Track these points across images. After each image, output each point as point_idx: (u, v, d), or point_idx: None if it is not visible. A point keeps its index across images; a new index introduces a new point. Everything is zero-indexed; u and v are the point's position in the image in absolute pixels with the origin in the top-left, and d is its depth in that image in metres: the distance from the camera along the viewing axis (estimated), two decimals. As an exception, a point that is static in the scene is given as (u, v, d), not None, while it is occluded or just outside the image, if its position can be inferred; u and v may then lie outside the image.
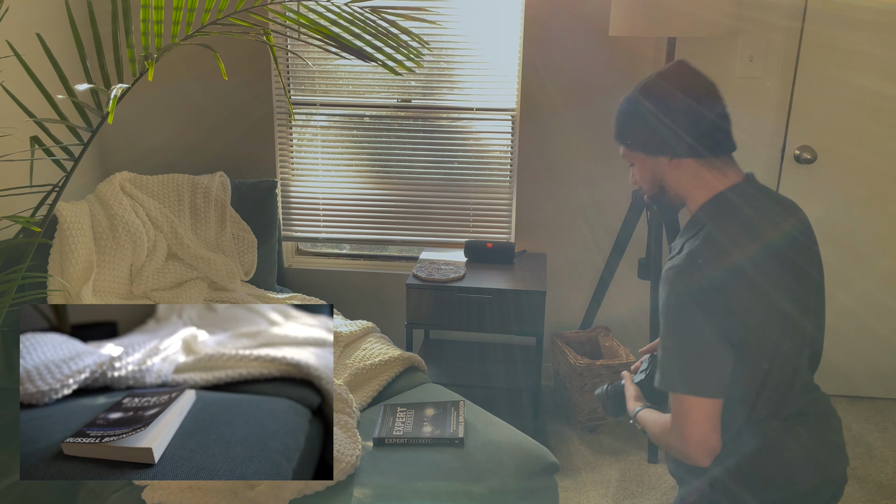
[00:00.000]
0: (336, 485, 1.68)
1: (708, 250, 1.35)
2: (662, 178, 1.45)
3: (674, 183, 1.44)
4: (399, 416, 1.95)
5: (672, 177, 1.43)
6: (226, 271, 2.56)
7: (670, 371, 1.33)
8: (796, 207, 1.47)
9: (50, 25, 2.52)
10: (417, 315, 2.60)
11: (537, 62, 2.77)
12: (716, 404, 1.31)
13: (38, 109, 1.74)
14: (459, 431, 1.86)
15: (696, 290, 1.32)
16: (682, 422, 1.32)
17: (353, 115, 2.95)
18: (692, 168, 1.41)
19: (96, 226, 2.34)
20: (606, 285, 2.80)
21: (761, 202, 1.42)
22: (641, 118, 1.43)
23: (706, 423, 1.31)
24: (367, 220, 3.05)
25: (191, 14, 1.57)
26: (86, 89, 1.46)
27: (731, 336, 1.32)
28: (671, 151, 1.41)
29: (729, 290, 1.32)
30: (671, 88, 1.41)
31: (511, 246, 2.83)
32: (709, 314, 1.31)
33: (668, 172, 1.43)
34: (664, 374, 1.34)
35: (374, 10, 1.72)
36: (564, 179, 2.89)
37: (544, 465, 1.86)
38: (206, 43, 1.56)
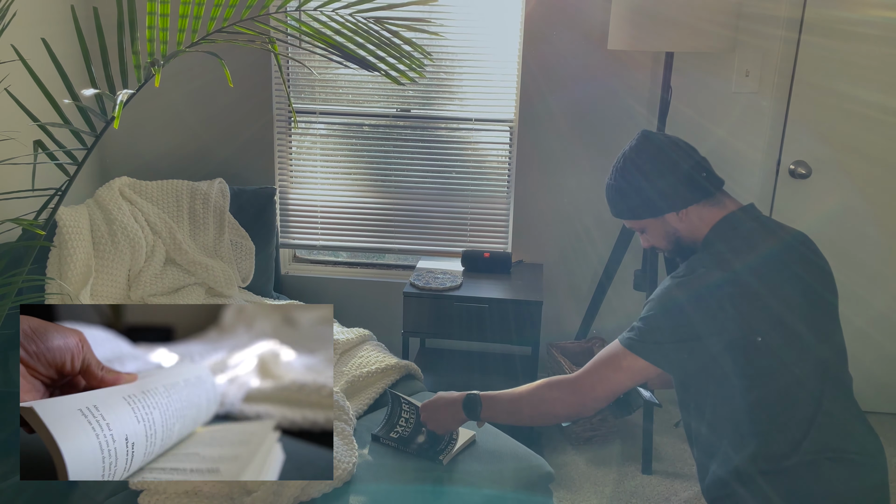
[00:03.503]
0: (332, 492, 1.69)
1: (709, 258, 1.44)
2: (676, 231, 1.54)
3: (686, 231, 1.54)
4: (404, 410, 1.93)
5: (683, 226, 1.54)
6: (223, 278, 2.57)
7: (634, 332, 1.45)
8: (803, 235, 1.53)
9: (56, 34, 2.54)
10: (414, 323, 2.61)
11: (536, 74, 2.80)
12: (644, 371, 1.42)
13: (42, 114, 1.75)
14: (447, 452, 1.81)
15: (691, 285, 1.40)
16: (609, 374, 1.44)
17: (353, 123, 2.97)
18: (696, 211, 1.52)
19: (95, 230, 2.35)
20: (602, 296, 2.82)
21: (762, 221, 1.51)
22: (639, 189, 1.53)
23: (626, 382, 1.44)
24: (365, 228, 3.07)
25: (196, 22, 1.58)
26: (91, 95, 1.47)
27: (709, 334, 1.38)
28: (677, 205, 1.51)
29: (729, 293, 1.37)
30: (655, 153, 1.53)
31: (508, 256, 2.84)
32: (692, 308, 1.39)
33: (679, 224, 1.54)
34: (629, 335, 1.45)
35: (377, 21, 1.74)
36: (561, 190, 2.92)
37: (540, 474, 1.87)
38: (211, 50, 1.57)
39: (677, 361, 1.42)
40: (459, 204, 3.00)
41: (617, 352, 1.45)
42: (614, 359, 1.45)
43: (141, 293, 2.40)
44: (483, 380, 2.78)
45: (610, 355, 1.46)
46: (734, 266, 1.40)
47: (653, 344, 1.42)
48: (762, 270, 1.40)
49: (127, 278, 2.41)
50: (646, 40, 2.30)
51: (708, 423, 1.46)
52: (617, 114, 2.81)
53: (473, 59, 2.84)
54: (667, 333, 1.41)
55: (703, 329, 1.38)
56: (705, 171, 1.53)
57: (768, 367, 1.36)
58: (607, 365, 1.46)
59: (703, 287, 1.39)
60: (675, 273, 1.47)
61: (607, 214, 2.91)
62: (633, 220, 1.59)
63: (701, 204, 1.51)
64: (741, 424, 1.39)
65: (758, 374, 1.37)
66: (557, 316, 3.05)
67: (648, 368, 1.42)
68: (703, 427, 1.48)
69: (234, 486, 1.66)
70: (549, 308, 3.04)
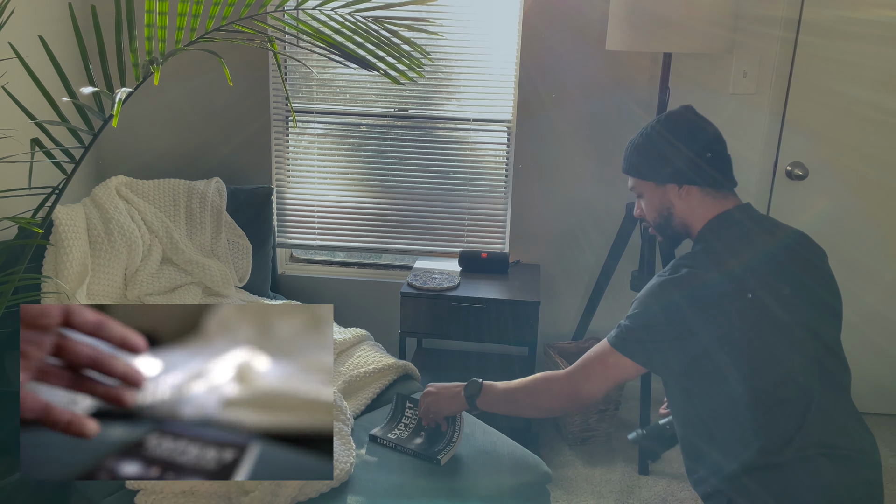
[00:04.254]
0: (329, 492, 1.68)
1: (705, 256, 1.44)
2: (671, 206, 1.54)
3: (680, 210, 1.53)
4: (407, 413, 1.94)
5: (679, 204, 1.54)
6: (220, 277, 2.56)
7: (619, 330, 1.48)
8: (801, 234, 1.53)
9: (54, 32, 2.53)
10: (411, 323, 2.61)
11: (534, 74, 2.80)
12: (629, 369, 1.45)
13: (40, 112, 1.75)
14: (445, 452, 1.81)
15: (679, 284, 1.41)
16: (596, 372, 1.48)
17: (350, 123, 2.96)
18: (698, 196, 1.52)
19: (91, 229, 2.34)
20: (600, 297, 2.82)
21: (757, 220, 1.50)
22: (656, 149, 1.53)
23: (614, 379, 1.47)
24: (362, 228, 3.06)
25: (195, 20, 1.58)
26: (89, 93, 1.47)
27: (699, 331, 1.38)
28: (681, 179, 1.50)
29: (717, 291, 1.38)
30: (685, 124, 1.53)
31: (505, 256, 2.84)
32: (675, 307, 1.39)
33: (676, 200, 1.54)
34: (616, 333, 1.48)
35: (376, 20, 1.74)
36: (559, 191, 2.92)
37: (537, 474, 1.87)
38: (210, 49, 1.57)
39: (660, 360, 1.44)
40: (457, 204, 3.00)
41: (604, 350, 1.49)
42: (601, 357, 1.48)
43: (137, 292, 2.40)
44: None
45: (598, 353, 1.50)
46: (721, 265, 1.41)
47: (635, 342, 1.44)
48: (752, 268, 1.40)
49: (123, 277, 2.40)
50: (644, 41, 2.30)
51: (693, 423, 1.47)
52: (615, 115, 2.81)
53: (471, 59, 2.84)
54: (650, 332, 1.43)
55: (685, 328, 1.39)
56: (723, 165, 1.52)
57: (755, 366, 1.36)
58: (595, 362, 1.49)
59: (687, 286, 1.40)
60: (661, 272, 1.48)
61: (605, 215, 2.92)
62: (635, 179, 1.59)
63: (705, 190, 1.51)
64: (729, 422, 1.40)
65: (745, 372, 1.37)
66: (554, 316, 3.06)
67: (633, 366, 1.45)
68: (689, 427, 1.48)
69: (231, 485, 1.65)
70: (547, 308, 3.04)
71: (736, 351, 1.37)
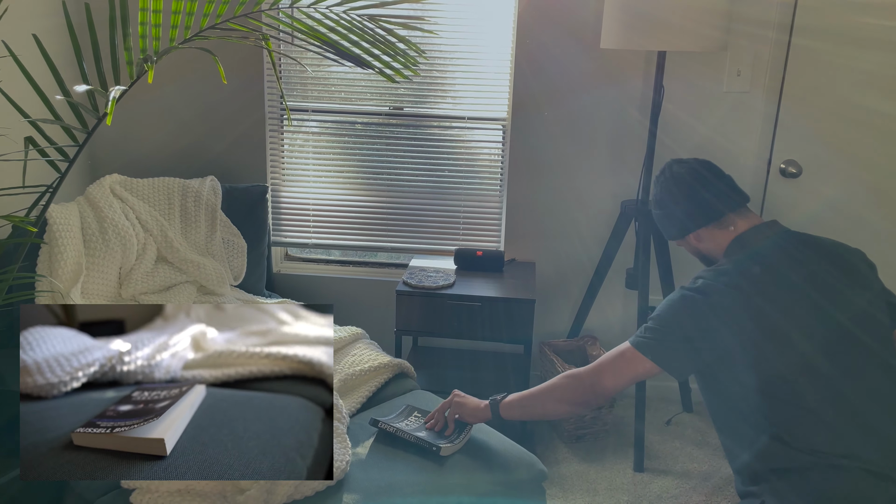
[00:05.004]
0: (325, 490, 1.68)
1: (719, 270, 1.55)
2: (697, 250, 1.75)
3: (705, 249, 1.72)
4: (415, 414, 1.95)
5: (701, 246, 1.72)
6: (215, 275, 2.56)
7: (640, 331, 1.58)
8: (840, 245, 1.60)
9: (47, 30, 2.52)
10: (407, 322, 2.61)
11: (528, 73, 2.80)
12: (645, 366, 1.54)
13: (33, 110, 1.74)
14: (447, 450, 1.81)
15: (693, 291, 1.52)
16: (615, 367, 1.57)
17: (345, 121, 2.96)
18: (707, 234, 1.69)
19: (86, 228, 2.33)
20: (594, 295, 2.82)
21: (783, 237, 1.58)
22: (662, 213, 1.77)
23: (630, 375, 1.56)
24: (358, 226, 3.06)
25: (189, 18, 1.58)
26: (83, 91, 1.46)
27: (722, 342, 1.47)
28: (686, 231, 1.71)
29: (728, 298, 1.47)
30: (672, 181, 1.73)
31: (501, 254, 2.85)
32: (692, 313, 1.50)
33: (697, 244, 1.72)
34: (637, 334, 1.59)
35: (371, 18, 1.74)
36: (554, 189, 2.92)
37: (533, 472, 1.87)
38: (204, 47, 1.57)
39: (677, 364, 1.53)
40: (452, 202, 3.00)
41: (625, 348, 1.59)
42: (621, 354, 1.58)
43: (132, 291, 2.39)
44: (475, 378, 2.78)
45: (619, 351, 1.59)
46: (735, 277, 1.50)
47: (650, 342, 1.54)
48: (763, 282, 1.50)
49: (118, 276, 2.40)
50: (638, 40, 2.31)
51: (715, 416, 1.60)
52: (609, 112, 2.82)
53: (466, 57, 2.84)
54: (664, 334, 1.53)
55: (697, 332, 1.49)
56: (718, 195, 1.66)
57: (769, 378, 1.44)
58: (616, 359, 1.59)
59: (700, 293, 1.51)
60: (684, 284, 1.59)
61: (599, 212, 2.92)
62: (671, 241, 1.82)
63: (709, 228, 1.67)
64: (749, 428, 1.50)
65: (759, 384, 1.45)
66: (550, 314, 3.06)
67: (649, 364, 1.54)
68: (714, 420, 1.62)
69: (227, 484, 1.65)
70: (542, 306, 3.05)
71: (744, 361, 1.46)
